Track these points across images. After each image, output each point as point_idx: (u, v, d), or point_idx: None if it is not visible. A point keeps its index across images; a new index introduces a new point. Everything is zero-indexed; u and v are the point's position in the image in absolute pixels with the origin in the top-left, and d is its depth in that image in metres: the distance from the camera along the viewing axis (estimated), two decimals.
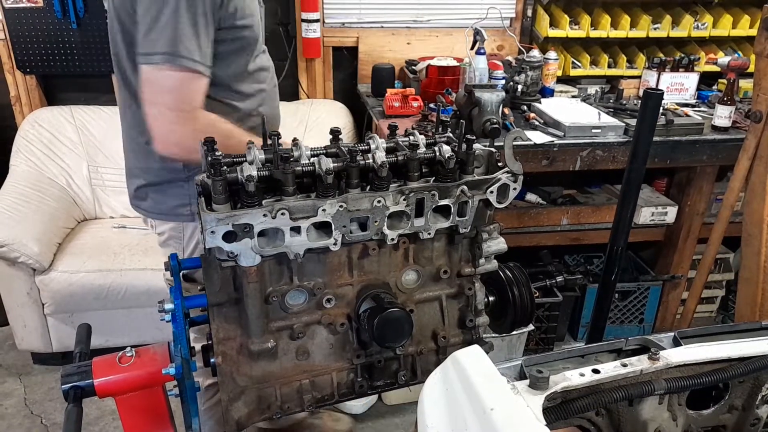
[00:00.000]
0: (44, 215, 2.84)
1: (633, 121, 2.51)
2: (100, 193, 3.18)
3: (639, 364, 0.98)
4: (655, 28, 3.23)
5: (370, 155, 1.16)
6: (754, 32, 3.16)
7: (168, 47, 1.40)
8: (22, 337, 2.80)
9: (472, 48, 2.82)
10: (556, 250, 3.11)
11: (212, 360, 1.20)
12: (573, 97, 3.08)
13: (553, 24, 3.21)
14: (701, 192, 2.82)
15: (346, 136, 3.21)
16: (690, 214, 2.87)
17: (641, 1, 3.24)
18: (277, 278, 1.18)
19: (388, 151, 1.21)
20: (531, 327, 2.74)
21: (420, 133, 1.26)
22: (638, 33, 3.20)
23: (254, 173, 1.06)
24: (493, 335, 1.48)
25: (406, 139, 1.25)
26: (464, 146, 1.19)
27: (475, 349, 0.99)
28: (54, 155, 3.10)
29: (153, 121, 1.48)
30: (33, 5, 2.94)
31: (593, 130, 2.52)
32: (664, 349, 1.02)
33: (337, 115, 3.27)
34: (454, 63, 2.93)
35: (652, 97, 1.79)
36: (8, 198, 2.80)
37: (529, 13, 3.30)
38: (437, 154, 1.19)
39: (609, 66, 3.24)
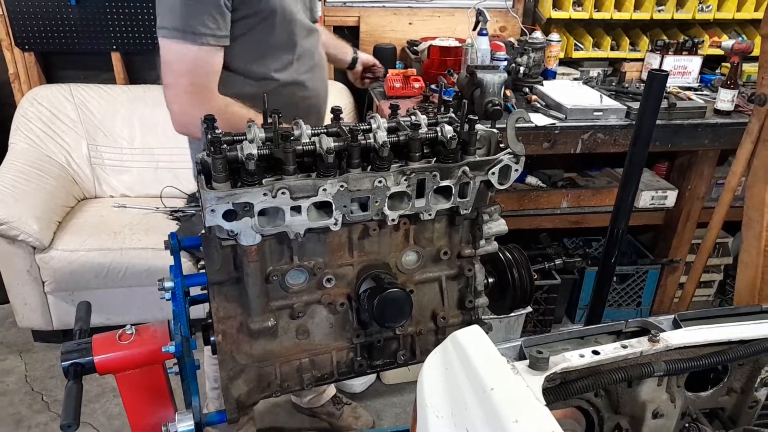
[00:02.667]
0: (44, 193, 2.84)
1: (635, 105, 2.49)
2: (99, 171, 3.17)
3: (639, 345, 0.98)
4: (659, 10, 3.19)
5: (371, 135, 1.15)
6: (758, 15, 3.14)
7: (178, 21, 1.37)
8: (23, 315, 2.81)
9: (474, 29, 2.79)
10: (555, 232, 3.10)
11: (212, 338, 1.21)
12: (575, 79, 3.06)
13: (556, 5, 3.18)
14: (702, 176, 2.81)
15: (347, 117, 3.19)
16: (690, 199, 2.86)
17: None
18: (278, 257, 1.18)
19: (390, 131, 1.21)
20: (529, 309, 2.75)
21: (422, 114, 1.25)
22: (642, 15, 3.17)
23: (254, 152, 1.05)
24: (492, 316, 1.49)
25: (408, 119, 1.24)
26: (466, 126, 1.18)
27: (475, 329, 0.99)
28: (53, 133, 3.08)
29: (169, 103, 1.49)
30: None
31: (595, 113, 2.51)
32: (664, 331, 1.02)
33: (338, 96, 3.24)
34: (456, 44, 2.90)
35: (657, 78, 1.77)
36: (8, 176, 2.79)
37: None
38: (439, 134, 1.19)
39: (612, 48, 3.21)
